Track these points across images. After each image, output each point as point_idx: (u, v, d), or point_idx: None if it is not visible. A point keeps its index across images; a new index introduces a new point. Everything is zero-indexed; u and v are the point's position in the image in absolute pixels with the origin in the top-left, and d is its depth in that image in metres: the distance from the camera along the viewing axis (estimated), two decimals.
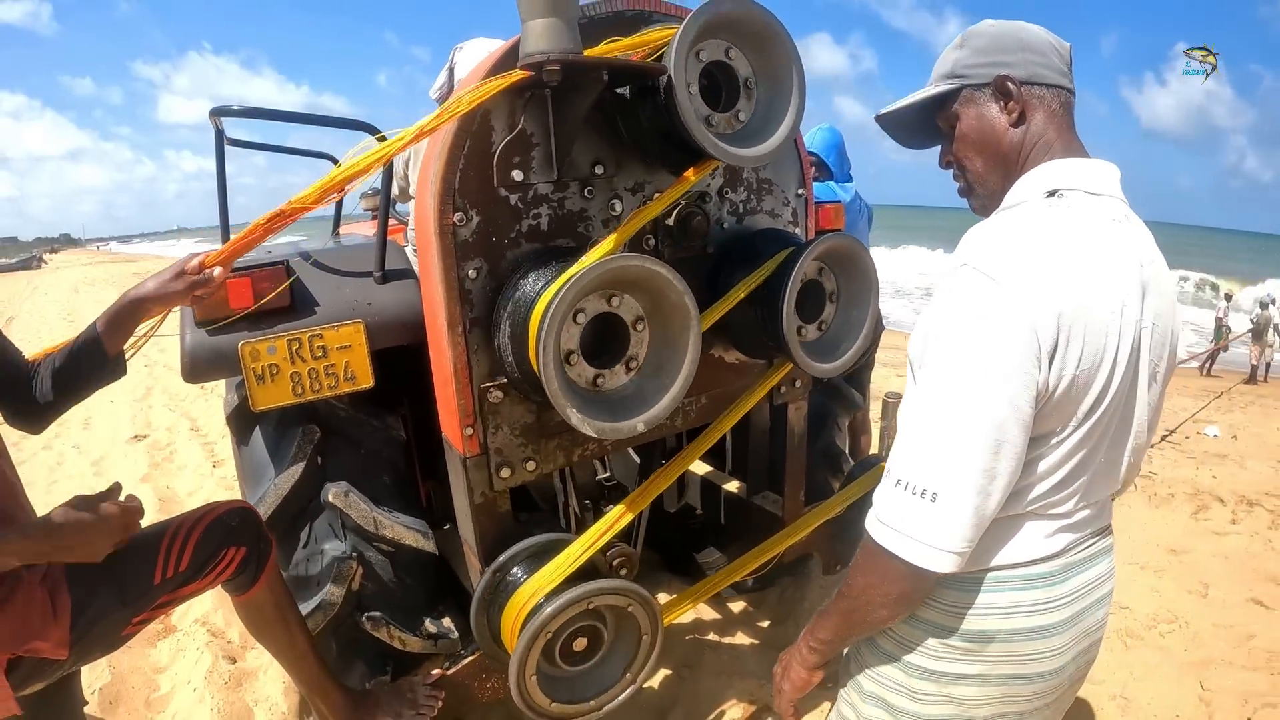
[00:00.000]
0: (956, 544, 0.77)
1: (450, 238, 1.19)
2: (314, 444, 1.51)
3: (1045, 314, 0.75)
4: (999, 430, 0.75)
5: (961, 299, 0.78)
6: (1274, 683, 2.24)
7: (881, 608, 0.85)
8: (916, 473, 0.78)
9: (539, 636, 1.22)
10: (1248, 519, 3.41)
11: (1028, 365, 0.75)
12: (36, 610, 1.09)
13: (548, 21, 1.02)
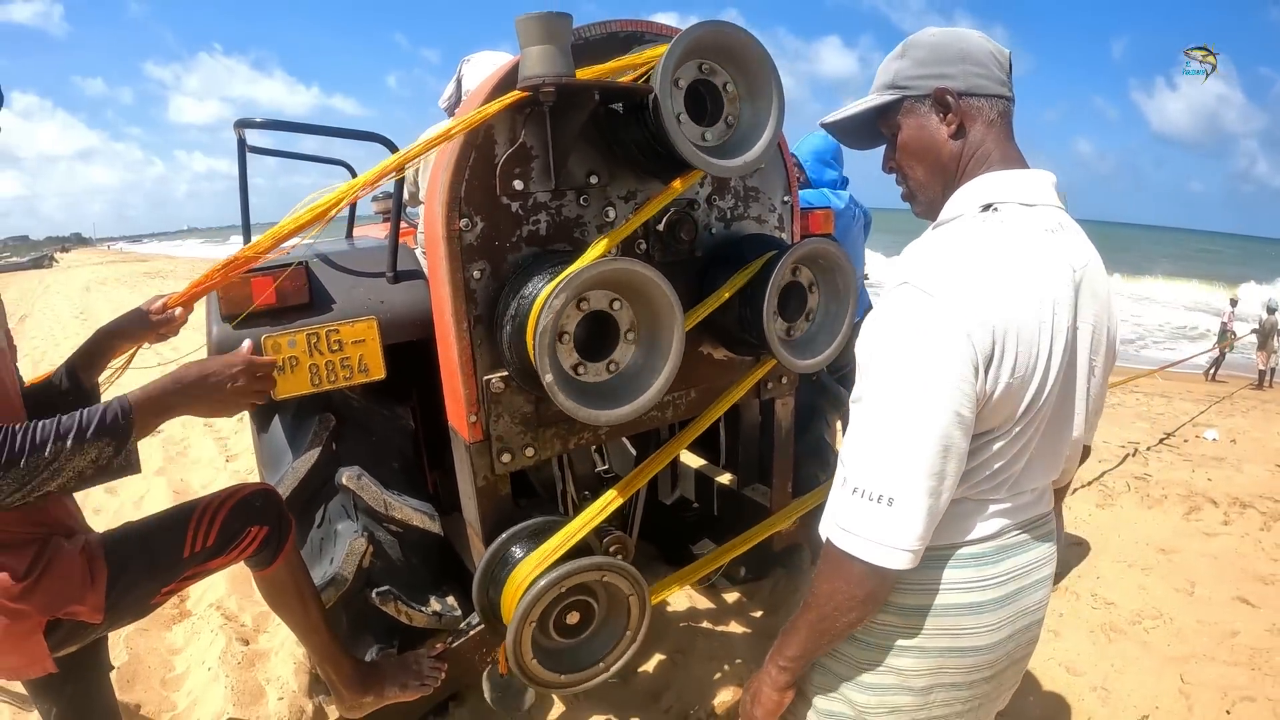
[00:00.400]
0: (913, 543, 0.84)
1: (456, 242, 1.31)
2: (329, 431, 1.64)
3: (980, 327, 0.82)
4: (945, 437, 0.82)
5: (902, 315, 0.85)
6: (1254, 677, 2.30)
7: (850, 611, 0.90)
8: (872, 480, 0.85)
9: (534, 608, 1.33)
10: (1239, 520, 3.47)
11: (967, 375, 0.82)
12: (76, 576, 1.20)
13: (543, 48, 1.14)
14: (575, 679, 1.46)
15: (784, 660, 0.98)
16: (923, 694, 0.96)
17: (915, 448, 0.82)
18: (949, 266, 0.86)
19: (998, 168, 0.94)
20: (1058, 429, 0.94)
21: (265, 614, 2.76)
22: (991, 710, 1.09)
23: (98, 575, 1.22)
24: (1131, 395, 6.83)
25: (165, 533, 1.30)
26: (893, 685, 0.97)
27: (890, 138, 1.01)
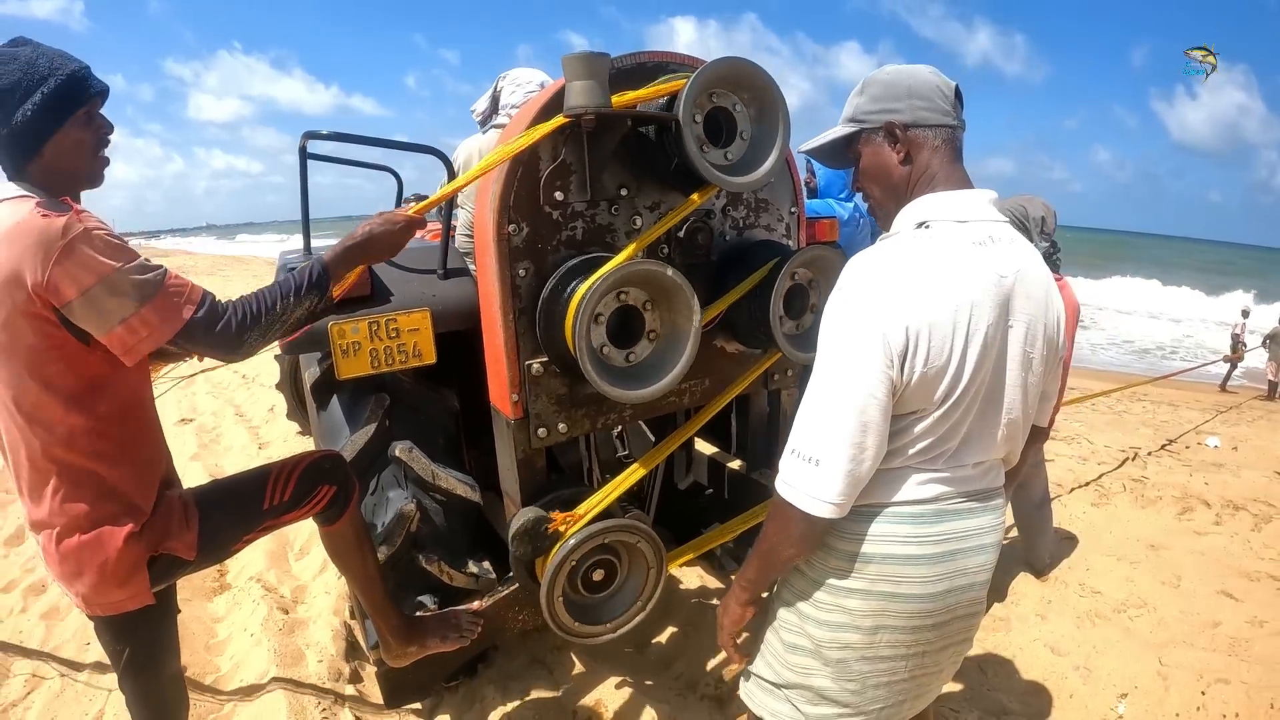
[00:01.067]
0: (834, 497, 1.03)
1: (505, 244, 1.53)
2: (384, 409, 1.86)
3: (895, 326, 1.00)
4: (862, 414, 1.01)
5: (836, 314, 1.06)
6: (1230, 663, 2.43)
7: (788, 547, 1.11)
8: (805, 444, 1.06)
9: (566, 563, 1.55)
10: (1231, 521, 3.60)
11: (883, 365, 1.01)
12: (176, 518, 1.41)
13: (586, 83, 1.36)
14: (596, 630, 1.67)
15: (744, 581, 1.22)
16: (870, 633, 1.14)
17: (838, 422, 1.03)
18: (875, 276, 1.05)
19: (941, 188, 1.12)
20: (991, 412, 1.12)
21: (303, 586, 3.00)
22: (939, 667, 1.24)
23: (192, 519, 1.43)
24: (1139, 404, 6.94)
25: (248, 488, 1.52)
26: (844, 623, 1.15)
27: (855, 162, 1.21)
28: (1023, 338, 1.11)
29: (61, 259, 1.15)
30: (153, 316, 1.22)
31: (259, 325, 1.31)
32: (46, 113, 1.22)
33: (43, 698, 2.40)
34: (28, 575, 3.29)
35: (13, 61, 1.22)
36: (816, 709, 1.22)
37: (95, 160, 1.32)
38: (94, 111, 1.30)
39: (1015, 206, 2.49)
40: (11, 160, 1.25)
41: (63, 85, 1.23)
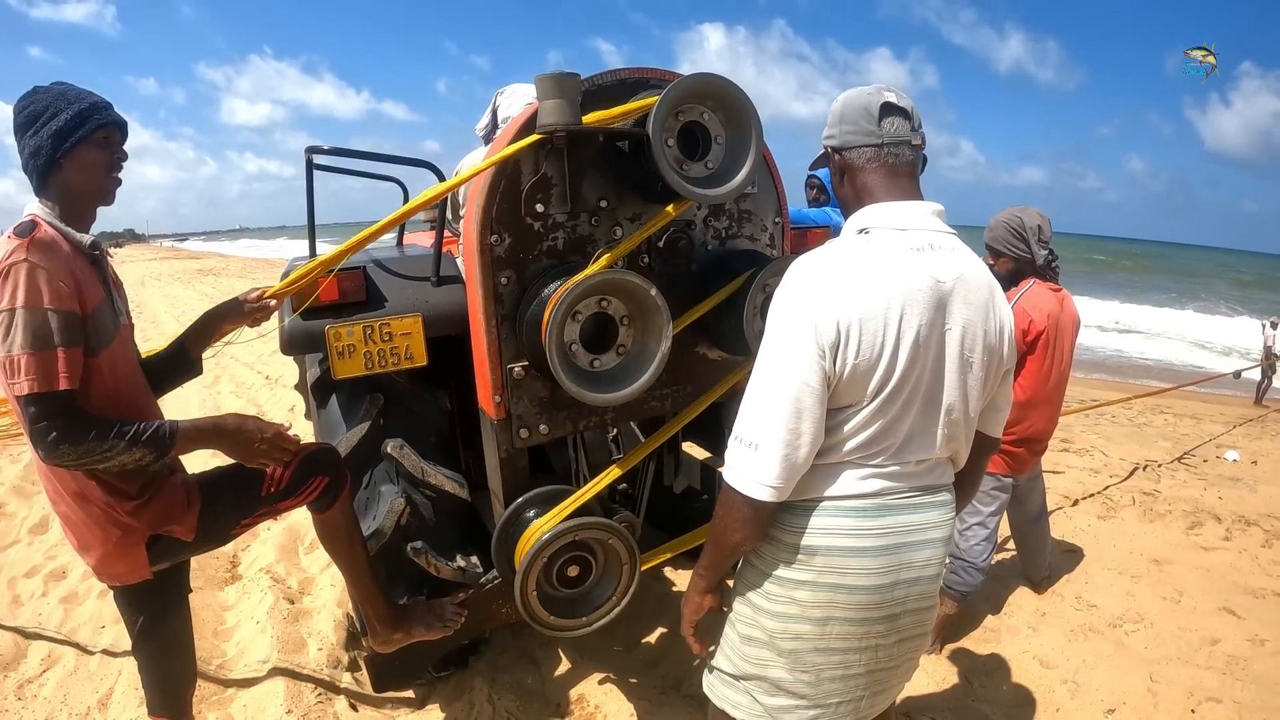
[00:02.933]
0: (773, 480, 1.11)
1: (489, 254, 1.62)
2: (378, 408, 1.96)
3: (826, 320, 1.09)
4: (796, 400, 1.10)
5: (775, 309, 1.15)
6: (1224, 681, 2.41)
7: (735, 531, 1.18)
8: (745, 430, 1.14)
9: (539, 557, 1.63)
10: (1240, 537, 3.55)
11: (814, 356, 1.09)
12: (178, 500, 1.53)
13: (556, 102, 1.45)
14: (570, 624, 1.74)
15: (701, 569, 1.30)
16: (820, 624, 1.21)
17: (774, 409, 1.11)
18: (811, 273, 1.14)
19: (881, 199, 1.20)
20: (930, 411, 1.19)
21: (310, 578, 3.13)
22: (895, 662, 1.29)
23: (193, 503, 1.55)
24: (1160, 416, 6.82)
25: (247, 476, 1.62)
26: (795, 615, 1.21)
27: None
28: (960, 340, 1.18)
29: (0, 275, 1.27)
30: (28, 366, 1.27)
31: (81, 446, 1.31)
32: (66, 130, 1.38)
33: (56, 675, 2.55)
34: (49, 562, 3.47)
35: (46, 93, 1.42)
36: (774, 699, 1.28)
37: (107, 180, 1.46)
38: (110, 137, 1.44)
39: (1011, 218, 2.52)
40: (36, 173, 1.40)
41: (84, 110, 1.40)
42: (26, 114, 1.40)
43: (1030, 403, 2.52)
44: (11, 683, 2.55)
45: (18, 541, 3.74)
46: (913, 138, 1.22)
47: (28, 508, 4.15)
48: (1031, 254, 2.50)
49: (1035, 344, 2.47)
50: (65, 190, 1.42)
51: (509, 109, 2.37)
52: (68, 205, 1.43)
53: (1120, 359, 14.38)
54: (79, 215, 1.45)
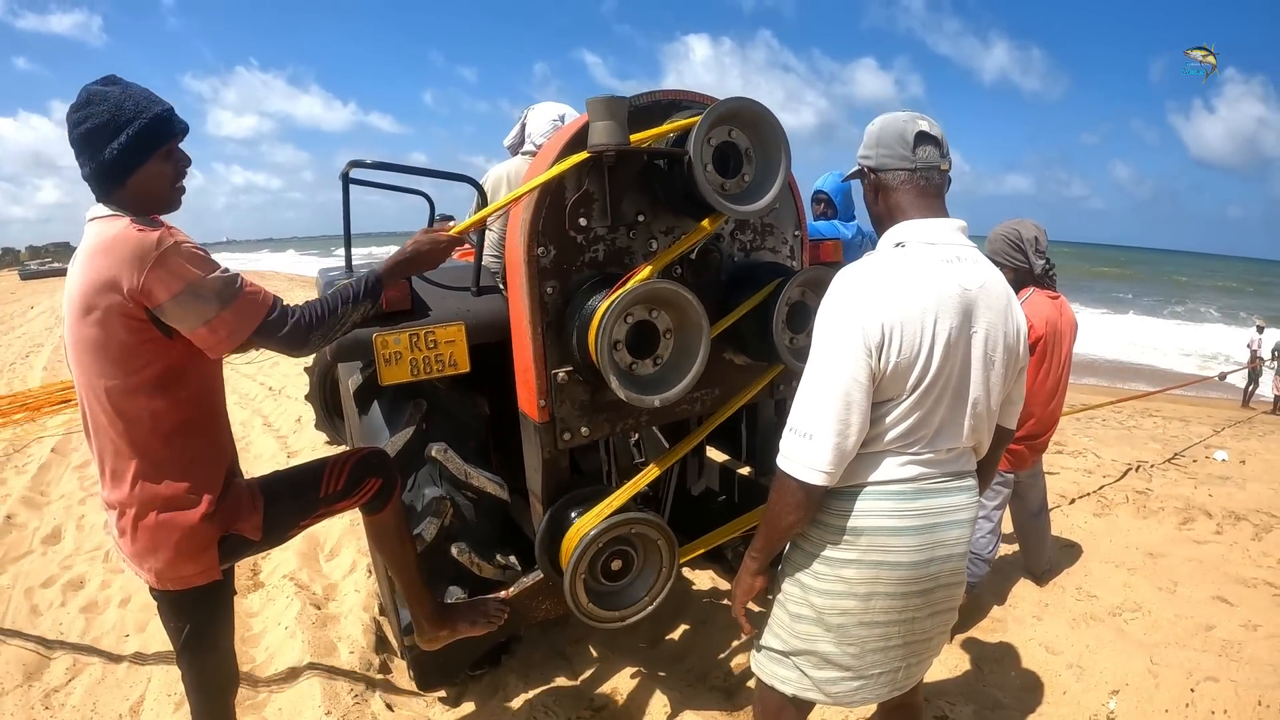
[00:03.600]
0: (825, 466, 1.25)
1: (535, 265, 1.74)
2: (421, 413, 2.06)
3: (872, 322, 1.23)
4: (847, 395, 1.24)
5: (825, 315, 1.29)
6: (1221, 663, 2.54)
7: (789, 514, 1.31)
8: (800, 421, 1.28)
9: (588, 552, 1.73)
10: (1231, 531, 3.71)
11: (862, 354, 1.24)
12: (245, 501, 1.60)
13: (607, 124, 1.57)
14: (615, 615, 1.85)
15: (754, 551, 1.42)
16: (865, 599, 1.34)
17: (827, 402, 1.25)
18: (857, 283, 1.28)
19: (912, 216, 1.35)
20: (958, 404, 1.33)
21: (333, 584, 3.20)
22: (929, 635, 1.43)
23: (258, 503, 1.62)
24: (1150, 419, 7.02)
25: (306, 478, 1.71)
26: (842, 591, 1.35)
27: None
28: (984, 341, 1.32)
29: (155, 267, 1.34)
30: (232, 318, 1.42)
31: (322, 325, 1.52)
32: (131, 150, 1.39)
33: (84, 684, 2.60)
34: (65, 572, 3.52)
35: (103, 102, 1.38)
36: (822, 672, 1.41)
37: (173, 190, 1.50)
38: (174, 148, 1.46)
39: (1009, 231, 2.68)
40: (101, 188, 1.43)
41: (147, 125, 1.40)
42: (85, 129, 1.38)
43: (1030, 403, 2.66)
44: (37, 692, 2.60)
45: (31, 552, 3.78)
46: (941, 163, 1.37)
47: (38, 518, 4.19)
48: (1030, 264, 2.66)
49: (1034, 348, 2.62)
50: (133, 203, 1.43)
51: (536, 124, 2.50)
52: (138, 213, 1.43)
53: (1108, 365, 14.69)
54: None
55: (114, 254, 1.34)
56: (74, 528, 4.05)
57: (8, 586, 3.40)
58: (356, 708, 2.32)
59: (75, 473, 4.94)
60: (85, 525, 4.08)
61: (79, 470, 4.99)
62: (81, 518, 4.18)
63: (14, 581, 3.45)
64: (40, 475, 4.86)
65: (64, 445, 5.55)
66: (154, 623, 2.98)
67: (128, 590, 3.28)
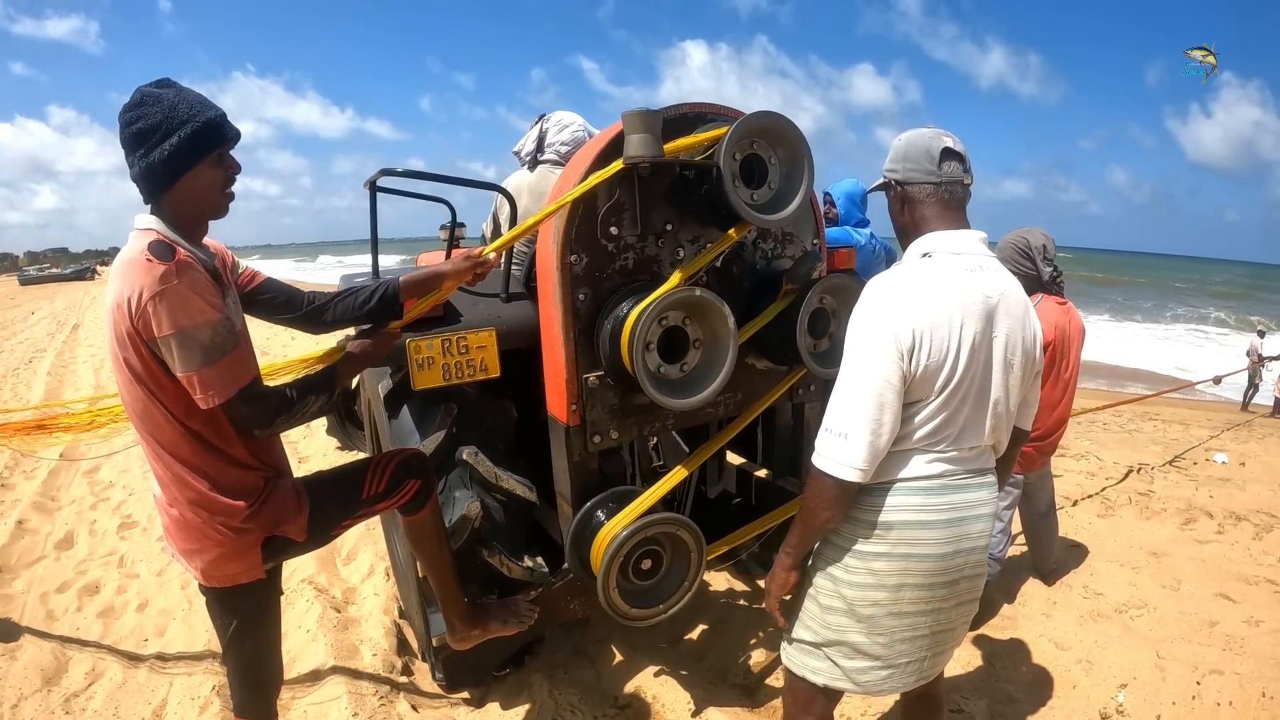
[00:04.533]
0: (860, 463, 1.32)
1: (568, 272, 1.80)
2: (452, 417, 2.12)
3: (904, 328, 1.31)
4: (880, 396, 1.31)
5: (859, 321, 1.37)
6: (1225, 657, 2.62)
7: (824, 510, 1.38)
8: (835, 422, 1.35)
9: (621, 551, 1.79)
10: (1233, 530, 3.81)
11: (894, 358, 1.31)
12: (290, 503, 1.63)
13: (643, 136, 1.65)
14: (647, 613, 1.91)
15: (788, 547, 1.49)
16: (895, 590, 1.42)
17: (861, 403, 1.33)
18: (889, 291, 1.37)
19: (937, 228, 1.44)
20: (981, 405, 1.41)
21: (352, 589, 3.25)
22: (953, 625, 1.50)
23: (303, 504, 1.66)
24: (1150, 423, 7.13)
25: (350, 479, 1.76)
26: (872, 584, 1.42)
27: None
28: (1004, 346, 1.41)
29: (153, 303, 1.34)
30: (213, 378, 1.40)
31: (288, 412, 1.52)
32: (182, 154, 1.40)
33: (104, 689, 2.63)
34: (80, 577, 3.55)
35: (156, 104, 1.39)
36: (852, 662, 1.48)
37: (222, 196, 1.50)
38: (225, 154, 1.47)
39: (1018, 239, 2.78)
40: (149, 190, 1.43)
41: (199, 130, 1.41)
42: (136, 130, 1.39)
43: (1040, 407, 2.74)
44: (57, 696, 2.62)
45: (44, 557, 3.81)
46: (964, 178, 1.45)
47: (50, 523, 4.22)
48: (1038, 271, 2.76)
49: (1045, 352, 2.71)
50: (180, 208, 1.45)
51: (559, 134, 2.56)
52: (182, 220, 1.46)
53: (1107, 369, 14.85)
54: (193, 229, 1.50)
55: (127, 278, 1.37)
56: (86, 533, 4.08)
57: (22, 591, 3.43)
58: (382, 709, 2.37)
59: (85, 478, 4.97)
60: (98, 531, 4.11)
61: (88, 475, 5.02)
62: (94, 523, 4.21)
63: (28, 586, 3.48)
64: (50, 481, 4.89)
65: (71, 451, 5.56)
66: (173, 627, 3.02)
67: (144, 595, 3.33)
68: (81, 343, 12.09)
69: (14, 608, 3.25)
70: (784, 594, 1.54)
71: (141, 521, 4.17)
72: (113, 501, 4.53)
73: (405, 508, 1.84)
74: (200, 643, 2.84)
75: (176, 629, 2.99)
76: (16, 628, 3.06)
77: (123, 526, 4.12)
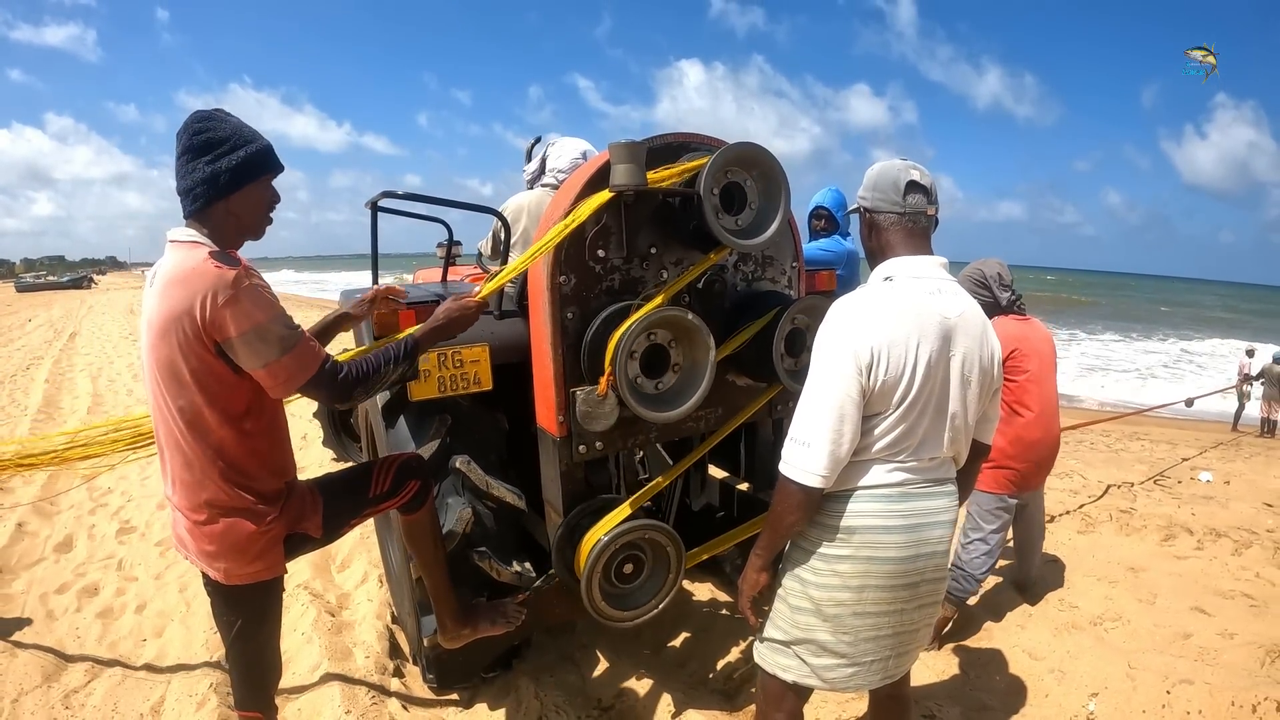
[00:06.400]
0: (822, 470, 1.45)
1: (557, 292, 1.94)
2: (446, 427, 2.25)
3: (863, 346, 1.44)
4: (841, 409, 1.44)
5: (822, 339, 1.50)
6: (1196, 668, 2.70)
7: (789, 514, 1.51)
8: (800, 432, 1.48)
9: (603, 555, 1.91)
10: (1211, 547, 3.91)
11: (854, 374, 1.44)
12: (307, 503, 1.77)
13: (628, 166, 1.78)
14: (625, 615, 2.03)
15: (758, 550, 1.61)
16: (858, 591, 1.53)
17: (823, 415, 1.45)
18: (851, 311, 1.50)
19: (900, 253, 1.57)
20: (939, 419, 1.54)
21: (346, 594, 3.36)
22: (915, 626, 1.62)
23: (317, 504, 1.79)
24: (1137, 442, 7.26)
25: (357, 479, 1.89)
26: (837, 585, 1.54)
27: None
28: (961, 363, 1.53)
29: (228, 305, 1.46)
30: (292, 364, 1.54)
31: (365, 382, 1.66)
32: (246, 167, 1.55)
33: (104, 686, 2.74)
34: (79, 579, 3.67)
35: (225, 122, 1.56)
36: (820, 660, 1.60)
37: (264, 218, 1.66)
38: (271, 179, 1.63)
39: (974, 271, 2.98)
40: (204, 196, 1.53)
41: (264, 149, 1.58)
42: (204, 138, 1.52)
43: (1018, 419, 2.86)
44: (57, 693, 2.73)
45: (43, 559, 3.92)
46: (928, 209, 1.59)
47: (50, 527, 4.34)
48: (996, 298, 2.93)
49: (1007, 362, 2.84)
50: (226, 220, 1.57)
51: (558, 160, 2.72)
52: (223, 234, 1.57)
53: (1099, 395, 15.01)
54: (233, 244, 1.61)
55: (191, 285, 1.47)
56: (85, 537, 4.20)
57: (21, 592, 3.54)
58: (374, 708, 2.48)
59: (83, 484, 5.07)
60: (96, 535, 4.22)
61: (87, 481, 5.12)
62: (92, 527, 4.33)
63: (28, 587, 3.59)
64: (49, 485, 5.00)
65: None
66: (171, 628, 3.13)
67: (143, 597, 3.44)
68: (79, 351, 12.23)
69: (14, 608, 3.36)
70: (754, 594, 1.65)
71: (140, 527, 4.29)
72: (111, 507, 4.65)
73: (405, 507, 1.95)
74: (198, 643, 2.95)
75: (175, 630, 3.10)
76: (16, 626, 3.16)
77: (121, 531, 4.23)
